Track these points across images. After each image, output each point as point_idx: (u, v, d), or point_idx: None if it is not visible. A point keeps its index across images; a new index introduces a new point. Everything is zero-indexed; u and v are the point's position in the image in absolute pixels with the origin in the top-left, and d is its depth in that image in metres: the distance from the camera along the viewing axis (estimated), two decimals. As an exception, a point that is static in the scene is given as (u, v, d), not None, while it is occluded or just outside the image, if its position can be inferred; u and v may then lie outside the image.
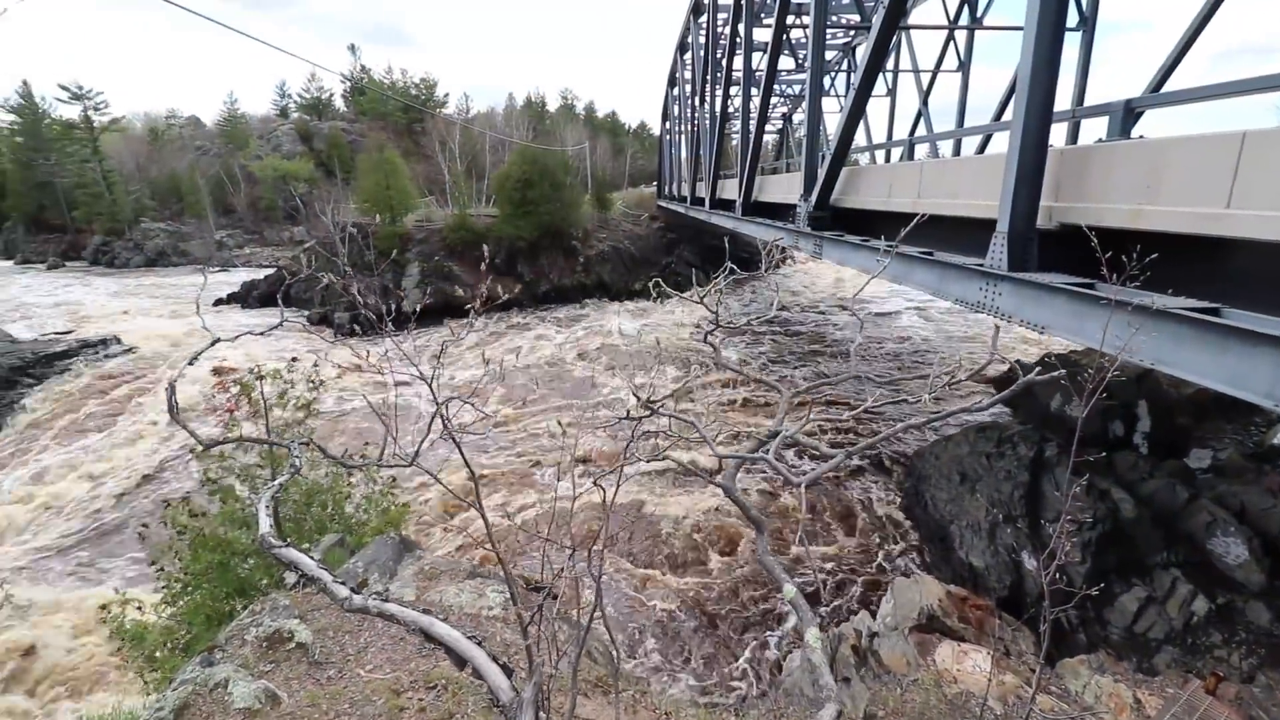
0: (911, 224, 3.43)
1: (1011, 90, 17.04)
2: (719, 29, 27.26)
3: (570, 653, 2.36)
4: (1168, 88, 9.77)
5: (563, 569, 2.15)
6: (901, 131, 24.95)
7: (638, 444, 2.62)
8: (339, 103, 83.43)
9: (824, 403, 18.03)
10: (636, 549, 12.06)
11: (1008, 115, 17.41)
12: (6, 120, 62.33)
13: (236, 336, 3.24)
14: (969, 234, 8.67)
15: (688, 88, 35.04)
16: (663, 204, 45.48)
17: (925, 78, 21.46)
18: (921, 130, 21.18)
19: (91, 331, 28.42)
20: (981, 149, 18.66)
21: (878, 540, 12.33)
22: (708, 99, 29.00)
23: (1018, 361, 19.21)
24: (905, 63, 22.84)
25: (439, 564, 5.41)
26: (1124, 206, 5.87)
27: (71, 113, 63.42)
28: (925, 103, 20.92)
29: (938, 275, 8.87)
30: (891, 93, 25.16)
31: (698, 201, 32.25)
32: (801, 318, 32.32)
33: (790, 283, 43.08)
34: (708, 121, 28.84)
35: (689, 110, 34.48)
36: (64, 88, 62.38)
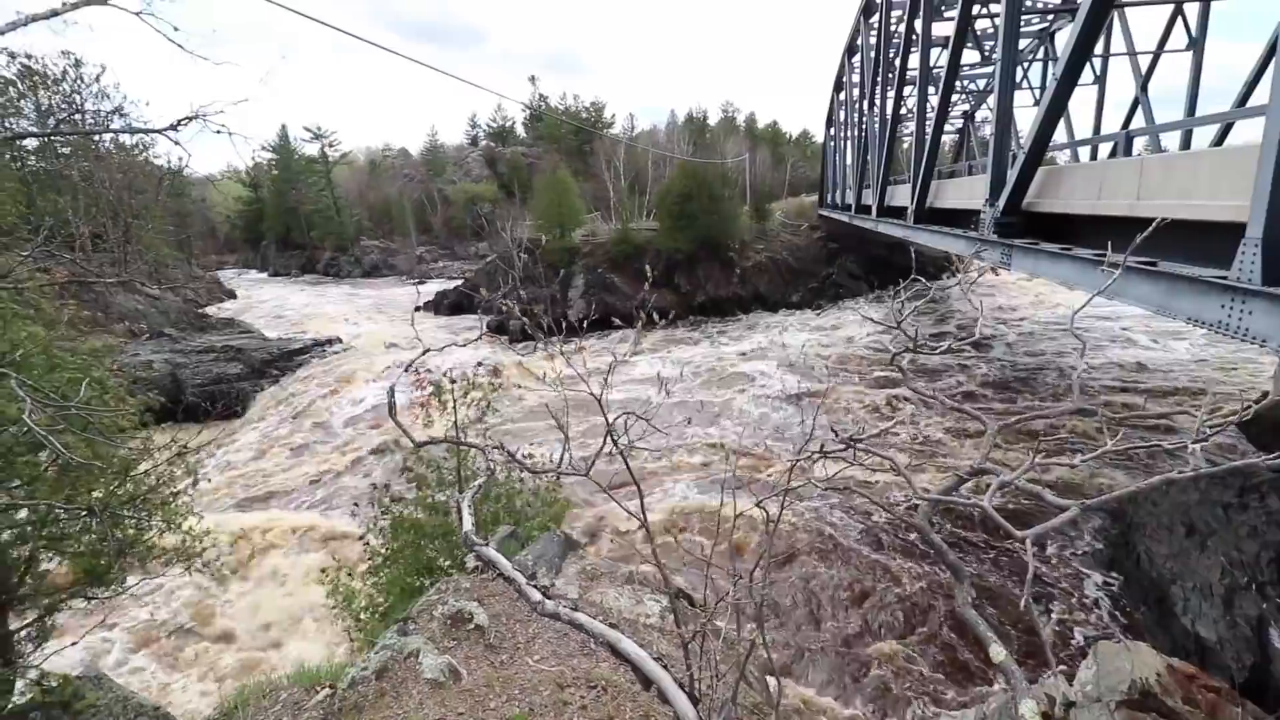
0: (1150, 228, 2.96)
1: (1262, 68, 14.24)
2: (892, 27, 25.81)
3: (728, 675, 2.36)
4: None
5: (727, 593, 2.15)
6: (1111, 124, 21.84)
7: (807, 465, 2.54)
8: (520, 129, 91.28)
9: (1043, 438, 15.68)
10: (805, 580, 11.46)
11: (1257, 98, 14.62)
12: (266, 158, 76.56)
13: (444, 347, 3.67)
14: (1200, 241, 7.32)
15: (855, 91, 33.54)
16: (824, 213, 43.86)
17: (1144, 60, 18.58)
18: (1139, 121, 18.37)
19: (320, 331, 34.03)
20: (1219, 141, 15.78)
21: (1069, 591, 10.76)
22: (877, 102, 27.54)
23: (1265, 394, 15.78)
24: (1117, 45, 19.96)
25: (600, 566, 5.67)
26: None
27: (312, 149, 76.25)
28: (1144, 89, 18.15)
29: (1163, 290, 7.59)
30: (1099, 80, 22.11)
31: (863, 209, 30.68)
32: (996, 337, 28.99)
33: (974, 298, 39.09)
34: (877, 125, 27.37)
35: (856, 115, 32.97)
36: (307, 129, 75.39)
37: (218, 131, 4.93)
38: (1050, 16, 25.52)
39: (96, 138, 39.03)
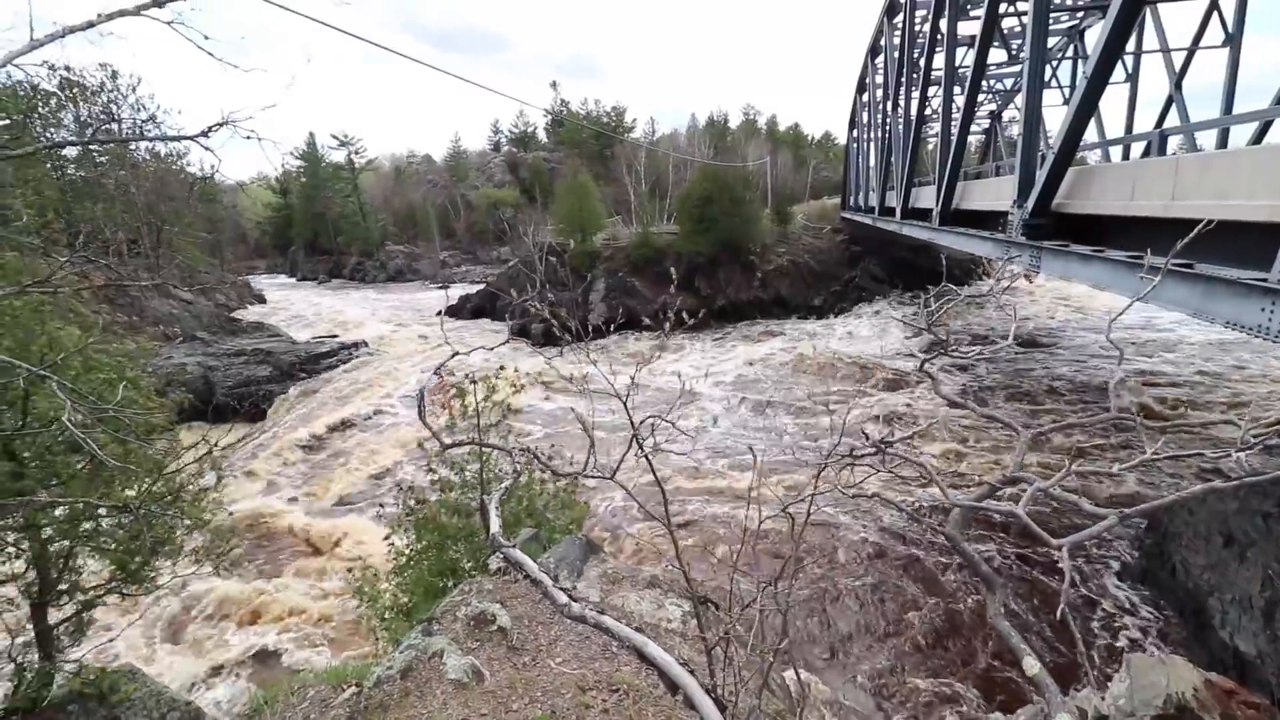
0: (1195, 231, 2.87)
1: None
2: (916, 27, 25.54)
3: (751, 681, 2.33)
4: None
5: (753, 600, 2.13)
6: (1144, 123, 21.34)
7: (834, 472, 2.50)
8: (542, 134, 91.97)
9: (1079, 445, 15.24)
10: (830, 586, 11.23)
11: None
12: (294, 165, 78.08)
13: (470, 351, 3.69)
14: (1238, 242, 7.10)
15: (878, 92, 33.24)
16: (846, 215, 43.46)
17: (1179, 58, 18.12)
18: (1173, 120, 17.93)
19: (346, 334, 34.68)
20: (1257, 139, 15.31)
21: (1102, 602, 10.48)
22: (901, 102, 27.26)
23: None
24: (1150, 42, 19.48)
25: (621, 569, 5.66)
26: None
27: (339, 156, 77.57)
28: (1178, 87, 17.70)
29: (1200, 292, 7.38)
30: (1131, 78, 21.58)
31: (887, 211, 30.35)
32: (1007, 344, 28.37)
33: (1002, 303, 38.51)
34: (901, 126, 27.08)
35: (879, 116, 32.67)
36: (334, 136, 76.67)
37: (247, 137, 4.98)
38: (1080, 14, 25.03)
39: (132, 146, 40.19)
